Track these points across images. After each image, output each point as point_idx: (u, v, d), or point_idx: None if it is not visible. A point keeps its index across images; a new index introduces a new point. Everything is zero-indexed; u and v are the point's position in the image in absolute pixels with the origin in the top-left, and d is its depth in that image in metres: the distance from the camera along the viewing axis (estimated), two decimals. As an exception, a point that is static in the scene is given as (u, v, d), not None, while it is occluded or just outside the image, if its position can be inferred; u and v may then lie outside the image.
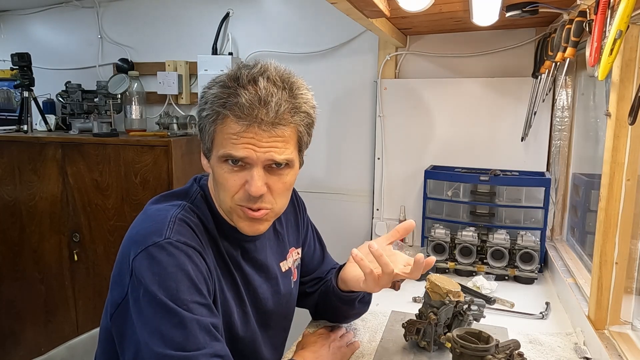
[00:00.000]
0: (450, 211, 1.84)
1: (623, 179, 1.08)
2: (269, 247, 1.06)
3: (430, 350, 1.10)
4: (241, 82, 0.82)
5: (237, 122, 0.81)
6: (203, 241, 0.89)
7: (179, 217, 0.87)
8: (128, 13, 2.52)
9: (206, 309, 0.82)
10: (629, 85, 1.04)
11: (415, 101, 2.01)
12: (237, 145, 0.82)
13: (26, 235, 2.37)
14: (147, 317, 0.79)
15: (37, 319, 2.44)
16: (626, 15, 0.82)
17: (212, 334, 0.80)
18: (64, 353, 1.16)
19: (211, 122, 0.85)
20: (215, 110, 0.83)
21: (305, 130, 0.90)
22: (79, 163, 2.22)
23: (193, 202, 0.93)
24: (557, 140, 1.85)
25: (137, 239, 0.84)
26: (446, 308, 1.08)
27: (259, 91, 0.81)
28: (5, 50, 2.69)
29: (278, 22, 2.25)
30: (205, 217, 0.93)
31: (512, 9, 1.38)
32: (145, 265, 0.80)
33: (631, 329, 1.12)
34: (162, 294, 0.78)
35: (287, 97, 0.84)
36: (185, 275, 0.80)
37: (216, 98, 0.83)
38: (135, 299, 0.81)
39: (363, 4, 1.33)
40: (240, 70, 0.84)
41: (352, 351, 1.14)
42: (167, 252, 0.81)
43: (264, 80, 0.82)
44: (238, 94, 0.81)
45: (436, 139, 2.01)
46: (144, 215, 0.90)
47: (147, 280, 0.79)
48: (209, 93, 0.85)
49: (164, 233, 0.82)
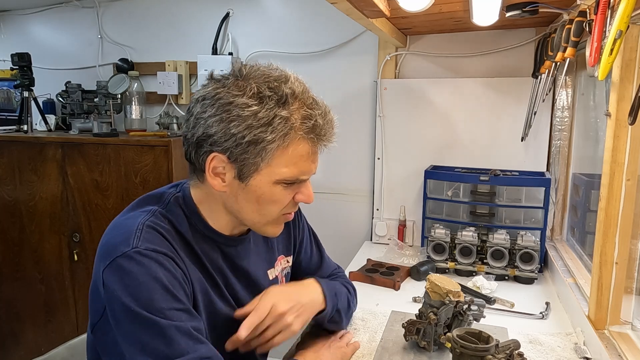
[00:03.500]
0: (450, 211, 1.84)
1: (623, 179, 1.08)
2: (256, 253, 1.04)
3: (431, 350, 1.10)
4: (303, 99, 0.83)
5: (313, 143, 0.84)
6: (176, 246, 0.86)
7: (147, 224, 0.84)
8: (128, 13, 2.52)
9: (185, 313, 0.80)
10: (629, 85, 1.04)
11: (415, 101, 2.01)
12: (306, 167, 0.85)
13: (26, 235, 2.37)
14: (126, 330, 0.77)
15: (37, 319, 2.44)
16: (626, 15, 0.82)
17: (194, 338, 0.78)
18: (64, 353, 1.16)
19: (275, 145, 0.81)
20: (287, 133, 0.81)
21: None
22: (79, 163, 2.22)
23: (166, 207, 0.91)
24: (557, 140, 1.85)
25: (106, 250, 0.82)
26: (446, 308, 1.08)
27: (323, 109, 0.85)
28: (5, 50, 2.69)
29: (278, 22, 2.25)
30: (179, 221, 0.90)
31: (512, 9, 1.38)
32: (116, 278, 0.78)
33: (631, 329, 1.12)
34: (137, 305, 0.76)
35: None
36: (158, 283, 0.78)
37: (284, 120, 0.80)
38: (112, 313, 0.79)
39: (363, 4, 1.33)
40: (288, 85, 0.83)
41: (353, 351, 1.14)
42: (137, 261, 0.78)
43: (311, 96, 0.86)
44: (311, 115, 0.82)
45: (436, 139, 2.01)
46: (112, 225, 0.88)
47: (119, 293, 0.77)
48: (267, 114, 0.80)
49: (131, 242, 0.80)
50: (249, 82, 0.81)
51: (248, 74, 0.83)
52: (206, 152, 0.84)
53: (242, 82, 0.82)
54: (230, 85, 0.82)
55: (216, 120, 0.81)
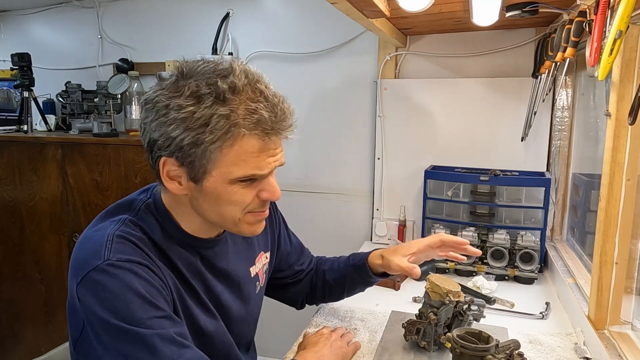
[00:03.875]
0: (450, 211, 1.84)
1: (623, 179, 1.08)
2: (235, 252, 1.02)
3: (431, 350, 1.10)
4: (244, 93, 0.77)
5: (262, 138, 0.78)
6: (150, 254, 0.83)
7: (117, 234, 0.81)
8: (128, 13, 2.52)
9: (166, 320, 0.78)
10: (629, 85, 1.04)
11: (416, 101, 2.01)
12: (260, 164, 0.80)
13: (26, 235, 2.37)
14: (107, 344, 0.76)
15: (37, 319, 2.44)
16: (626, 15, 0.82)
17: (178, 343, 0.77)
18: (64, 353, 1.15)
19: (217, 144, 0.77)
20: (228, 130, 0.76)
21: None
22: (79, 163, 2.22)
23: (137, 214, 0.88)
24: (557, 140, 1.85)
25: (77, 266, 0.80)
26: (446, 308, 1.08)
27: (271, 100, 0.79)
28: (5, 50, 2.69)
29: (278, 22, 2.25)
30: (151, 229, 0.87)
31: (512, 9, 1.38)
32: (91, 293, 0.76)
33: (631, 329, 1.12)
34: (115, 318, 0.74)
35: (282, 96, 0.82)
36: (135, 293, 0.76)
37: (222, 117, 0.75)
38: (92, 328, 0.78)
39: (363, 4, 1.33)
40: (229, 79, 0.76)
41: (354, 351, 1.14)
42: (110, 274, 0.76)
43: (264, 87, 0.79)
44: (255, 109, 0.76)
45: (436, 139, 2.01)
46: (82, 239, 0.86)
47: (96, 308, 0.75)
48: (203, 113, 0.75)
49: (102, 255, 0.78)
50: (188, 81, 0.78)
51: (189, 73, 0.79)
52: (157, 156, 0.82)
53: (182, 82, 0.78)
54: (169, 86, 0.79)
55: (157, 125, 0.79)
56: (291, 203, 2.29)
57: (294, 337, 1.23)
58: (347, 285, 1.23)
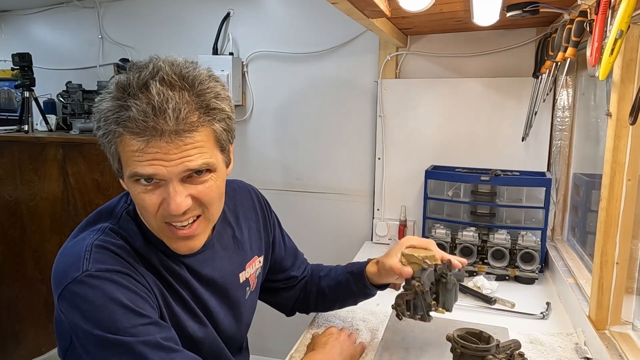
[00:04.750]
0: (451, 211, 1.84)
1: (624, 179, 1.08)
2: (222, 258, 0.99)
3: (428, 321, 1.05)
4: (131, 90, 0.72)
5: (135, 138, 0.72)
6: (132, 262, 0.81)
7: (96, 244, 0.80)
8: (129, 13, 2.52)
9: (152, 326, 0.77)
10: (630, 85, 1.04)
11: (416, 101, 2.01)
12: (142, 162, 0.73)
13: (27, 235, 2.37)
14: (94, 356, 0.75)
15: (38, 319, 2.45)
16: (627, 15, 0.82)
17: (165, 348, 0.76)
18: (65, 353, 1.16)
19: (109, 141, 0.76)
20: (109, 128, 0.74)
21: (222, 127, 0.79)
22: (79, 163, 2.22)
23: (118, 222, 0.86)
24: (557, 140, 1.85)
25: (56, 278, 0.78)
26: (427, 272, 1.04)
27: (151, 98, 0.71)
28: (6, 50, 2.69)
29: (279, 22, 2.25)
30: (132, 236, 0.85)
31: (512, 9, 1.38)
32: (72, 305, 0.75)
33: (632, 329, 1.12)
34: (99, 329, 0.73)
35: (189, 96, 0.74)
36: (117, 303, 0.75)
37: (109, 113, 0.73)
38: (78, 341, 0.77)
39: (364, 4, 1.33)
40: (130, 75, 0.73)
41: (361, 352, 1.14)
42: (89, 285, 0.75)
43: (156, 84, 0.71)
44: (129, 106, 0.71)
45: (437, 139, 2.01)
46: (61, 251, 0.84)
47: (79, 320, 0.74)
48: (100, 108, 0.75)
49: (81, 266, 0.76)
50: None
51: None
52: None
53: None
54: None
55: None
56: (291, 203, 2.29)
57: (294, 337, 1.23)
58: (342, 294, 1.19)
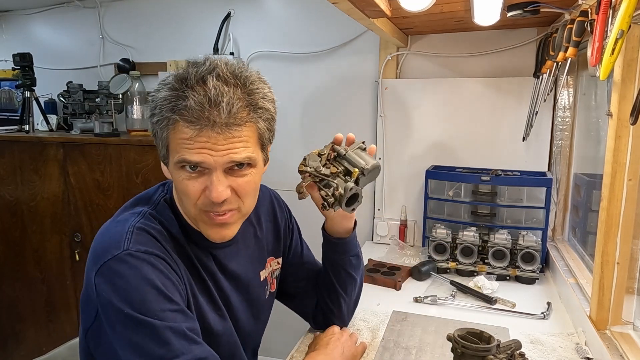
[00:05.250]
0: (452, 211, 1.84)
1: (624, 179, 1.08)
2: (246, 255, 1.03)
3: (357, 187, 0.99)
4: (189, 82, 0.78)
5: (189, 126, 0.77)
6: (168, 248, 0.85)
7: (138, 226, 0.84)
8: (129, 13, 2.52)
9: (179, 314, 0.80)
10: (631, 85, 1.04)
11: (417, 101, 2.01)
12: (191, 150, 0.78)
13: (27, 235, 2.38)
14: (120, 333, 0.77)
15: (38, 319, 2.45)
16: (628, 15, 0.82)
17: (189, 339, 0.78)
18: (65, 353, 1.16)
19: (162, 127, 0.81)
20: (164, 115, 0.79)
21: (265, 126, 0.85)
22: (80, 163, 2.22)
23: (156, 208, 0.90)
24: (558, 140, 1.85)
25: (97, 254, 0.81)
26: (308, 157, 1.02)
27: (208, 91, 0.77)
28: (7, 50, 2.69)
29: (279, 22, 2.25)
30: (170, 223, 0.89)
31: (513, 9, 1.38)
32: (108, 281, 0.78)
33: (633, 329, 1.12)
34: (129, 308, 0.76)
35: (241, 94, 0.79)
36: (150, 284, 0.78)
37: (165, 102, 0.79)
38: (106, 317, 0.79)
39: (364, 4, 1.33)
40: (189, 69, 0.79)
41: (362, 352, 1.14)
42: (128, 264, 0.78)
43: (213, 79, 0.77)
44: (186, 96, 0.77)
45: (437, 139, 2.01)
46: (103, 229, 0.87)
47: (112, 296, 0.77)
48: (157, 97, 0.81)
49: (122, 245, 0.80)
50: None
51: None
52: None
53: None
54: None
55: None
56: (291, 203, 2.28)
57: (295, 337, 1.23)
58: (328, 266, 1.15)
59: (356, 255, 1.17)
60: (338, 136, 1.06)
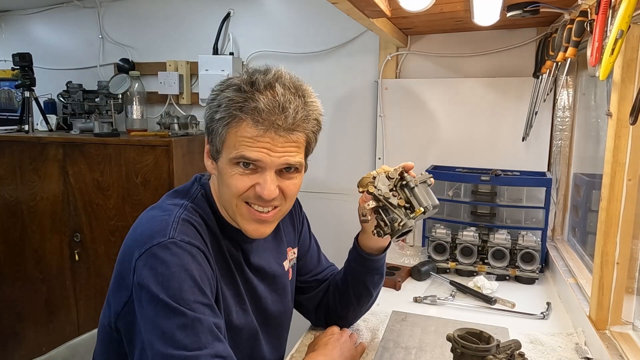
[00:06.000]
0: (451, 211, 1.84)
1: (624, 179, 1.08)
2: (267, 248, 1.07)
3: (409, 225, 0.97)
4: (258, 86, 0.84)
5: (255, 126, 0.83)
6: (206, 241, 0.89)
7: (183, 217, 0.88)
8: (129, 13, 2.52)
9: (209, 309, 0.82)
10: (630, 85, 1.04)
11: (416, 101, 2.01)
12: (252, 148, 0.84)
13: (27, 235, 2.37)
14: (150, 317, 0.79)
15: (38, 319, 2.45)
16: (627, 15, 0.82)
17: (214, 334, 0.80)
18: (65, 353, 1.16)
19: (225, 124, 0.85)
20: (231, 113, 0.84)
21: (313, 136, 0.93)
22: (80, 163, 2.22)
23: (194, 202, 0.94)
24: (558, 140, 1.85)
25: (141, 239, 0.84)
26: (378, 178, 1.02)
27: (277, 97, 0.83)
28: (7, 50, 2.69)
29: (279, 22, 2.25)
30: (208, 216, 0.94)
31: (513, 9, 1.38)
32: (149, 265, 0.80)
33: (632, 329, 1.12)
34: (165, 294, 0.78)
35: (302, 104, 0.87)
36: (189, 275, 0.81)
37: (232, 102, 0.84)
38: (139, 299, 0.81)
39: (364, 4, 1.33)
40: (255, 75, 0.85)
41: (361, 353, 1.14)
42: (171, 252, 0.81)
43: (280, 87, 0.85)
44: (256, 99, 0.83)
45: (437, 139, 2.01)
46: (148, 216, 0.91)
47: (149, 280, 0.79)
48: (222, 96, 0.86)
49: (167, 233, 0.83)
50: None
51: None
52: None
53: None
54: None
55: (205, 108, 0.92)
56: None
57: (295, 337, 1.22)
58: (350, 279, 1.15)
59: (381, 274, 1.18)
60: (409, 165, 1.07)
